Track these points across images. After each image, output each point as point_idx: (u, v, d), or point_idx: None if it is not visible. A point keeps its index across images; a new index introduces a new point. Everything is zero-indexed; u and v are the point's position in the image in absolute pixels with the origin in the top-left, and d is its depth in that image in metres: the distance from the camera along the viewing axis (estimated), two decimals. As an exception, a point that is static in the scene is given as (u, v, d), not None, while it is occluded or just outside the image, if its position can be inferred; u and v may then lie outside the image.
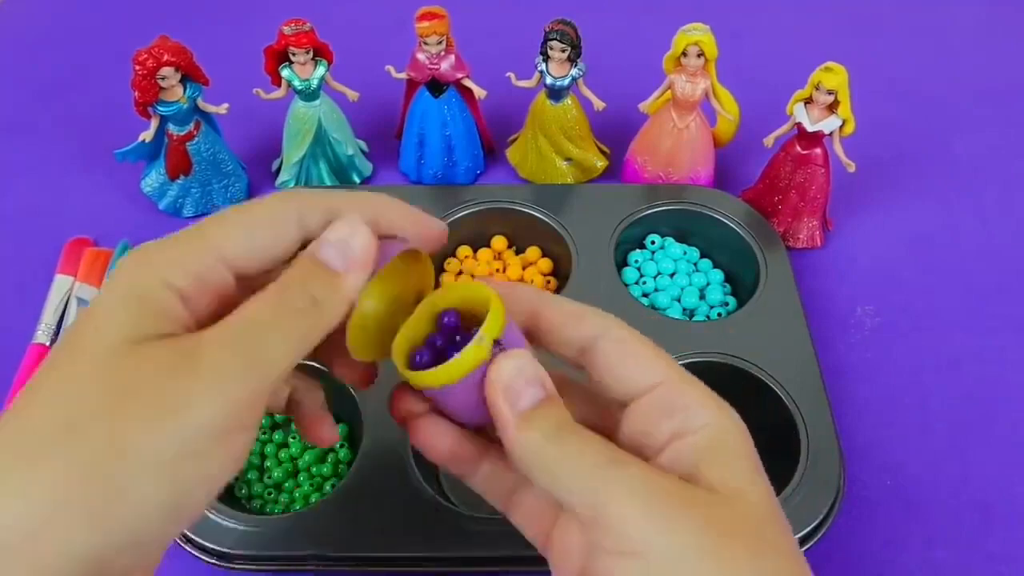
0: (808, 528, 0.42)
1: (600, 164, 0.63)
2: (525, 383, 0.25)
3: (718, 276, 0.56)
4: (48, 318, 0.53)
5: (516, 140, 0.64)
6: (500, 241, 0.58)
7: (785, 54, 0.73)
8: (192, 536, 0.41)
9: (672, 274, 0.56)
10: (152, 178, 0.60)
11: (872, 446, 0.49)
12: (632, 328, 0.28)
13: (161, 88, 0.54)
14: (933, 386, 0.52)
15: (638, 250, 0.57)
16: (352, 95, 0.59)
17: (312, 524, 0.42)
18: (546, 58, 0.56)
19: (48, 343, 0.52)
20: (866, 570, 0.44)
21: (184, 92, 0.55)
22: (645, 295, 0.55)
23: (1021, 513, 0.46)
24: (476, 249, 0.58)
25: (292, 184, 0.61)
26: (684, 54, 0.54)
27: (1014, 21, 0.79)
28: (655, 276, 0.55)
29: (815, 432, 0.45)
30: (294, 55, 0.55)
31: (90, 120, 0.68)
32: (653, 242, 0.57)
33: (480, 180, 0.64)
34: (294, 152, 0.59)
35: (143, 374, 0.22)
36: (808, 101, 0.54)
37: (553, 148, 0.61)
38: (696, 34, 0.54)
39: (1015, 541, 0.45)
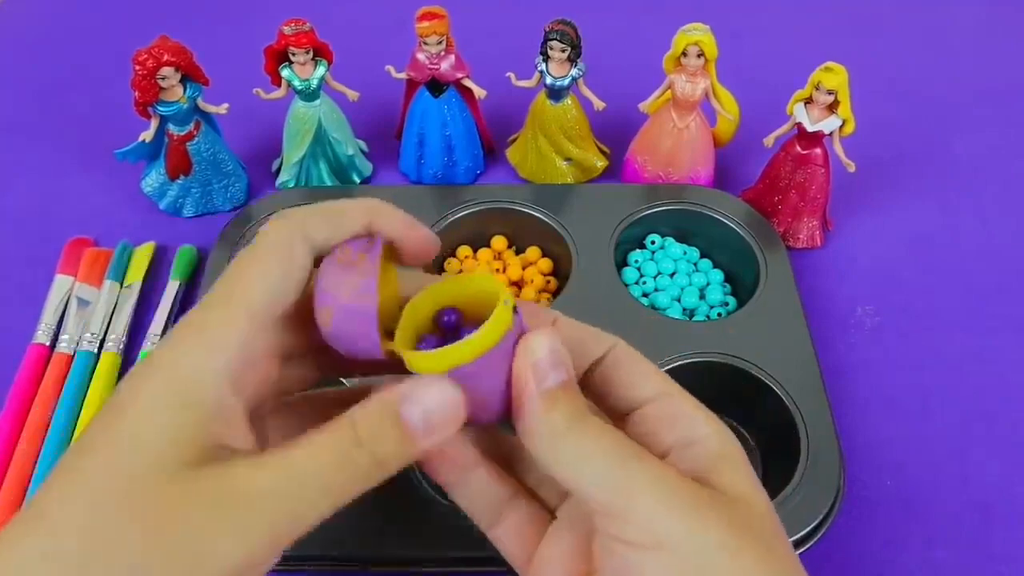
0: (808, 528, 0.41)
1: (600, 164, 0.63)
2: (555, 362, 0.25)
3: (718, 276, 0.56)
4: (48, 318, 0.53)
5: (516, 140, 0.64)
6: (500, 241, 0.58)
7: (785, 54, 0.73)
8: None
9: (672, 274, 0.56)
10: (152, 178, 0.60)
11: (872, 446, 0.49)
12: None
13: (161, 88, 0.54)
14: (933, 386, 0.52)
15: (638, 250, 0.57)
16: (352, 95, 0.59)
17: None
18: (546, 58, 0.56)
19: (48, 343, 0.52)
20: (866, 570, 0.44)
21: (184, 92, 0.55)
22: (645, 295, 0.55)
23: (1021, 513, 0.46)
24: (476, 249, 0.58)
25: (292, 184, 0.61)
26: (684, 54, 0.54)
27: (1014, 21, 0.79)
28: (655, 276, 0.55)
29: (815, 432, 0.44)
30: (294, 55, 0.55)
31: (90, 120, 0.68)
32: (653, 242, 0.57)
33: (480, 180, 0.64)
34: (294, 152, 0.59)
35: (180, 515, 0.21)
36: (808, 101, 0.54)
37: (553, 148, 0.61)
38: (696, 34, 0.54)
39: (1015, 541, 0.45)
